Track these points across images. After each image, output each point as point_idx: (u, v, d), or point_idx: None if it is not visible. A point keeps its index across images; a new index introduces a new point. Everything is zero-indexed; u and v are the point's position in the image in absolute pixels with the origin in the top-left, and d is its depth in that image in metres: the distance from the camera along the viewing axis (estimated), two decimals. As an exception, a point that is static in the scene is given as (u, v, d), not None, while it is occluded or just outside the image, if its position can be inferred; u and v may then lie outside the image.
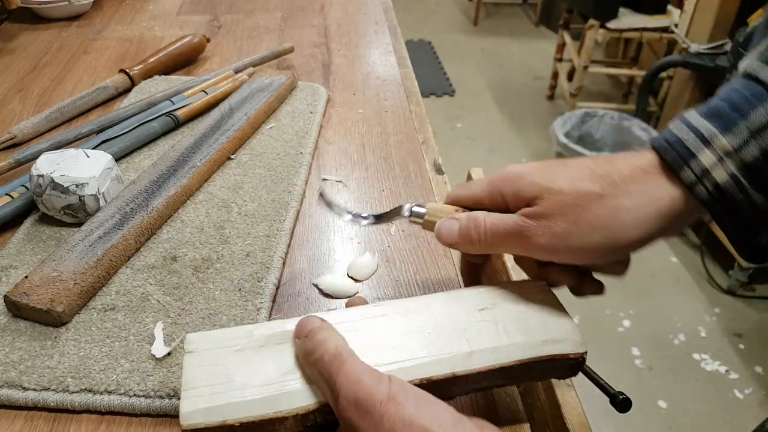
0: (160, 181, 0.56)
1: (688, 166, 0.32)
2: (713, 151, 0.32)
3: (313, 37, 0.94)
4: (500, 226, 0.36)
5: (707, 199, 0.32)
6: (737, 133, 0.31)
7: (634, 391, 1.48)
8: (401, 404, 0.28)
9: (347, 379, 0.29)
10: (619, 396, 0.36)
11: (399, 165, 0.64)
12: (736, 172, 0.31)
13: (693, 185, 0.32)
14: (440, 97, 2.84)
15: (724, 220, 0.33)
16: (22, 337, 0.43)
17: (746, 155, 0.31)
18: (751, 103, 0.31)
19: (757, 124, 0.31)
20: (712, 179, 0.32)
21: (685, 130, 0.33)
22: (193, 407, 0.31)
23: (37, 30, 0.95)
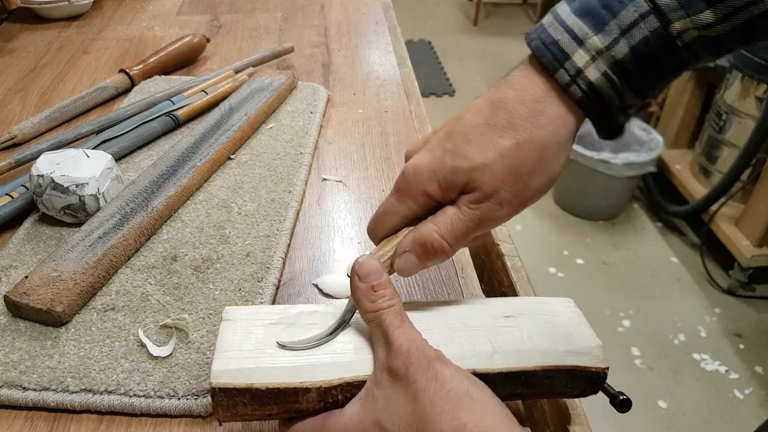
0: (160, 181, 0.56)
1: (562, 67, 0.33)
2: (586, 50, 0.33)
3: (313, 37, 0.94)
4: (459, 229, 0.35)
5: (581, 98, 0.33)
6: (608, 31, 0.32)
7: (634, 391, 1.48)
8: (446, 364, 0.31)
9: (404, 334, 0.32)
10: (619, 396, 0.36)
11: (399, 165, 0.64)
12: (607, 70, 0.33)
13: (567, 85, 0.33)
14: (440, 97, 2.84)
15: (595, 114, 0.34)
16: (22, 337, 0.43)
17: (616, 53, 0.32)
18: (621, 2, 0.32)
19: (627, 23, 0.32)
20: (586, 78, 0.33)
21: (559, 30, 0.34)
22: (224, 367, 0.32)
23: (37, 30, 0.95)
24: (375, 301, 0.34)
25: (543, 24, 0.35)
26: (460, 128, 0.35)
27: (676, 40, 0.32)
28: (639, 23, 0.32)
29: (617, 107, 0.34)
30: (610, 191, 1.97)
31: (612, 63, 0.33)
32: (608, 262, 1.88)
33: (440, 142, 0.36)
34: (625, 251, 1.93)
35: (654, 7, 0.32)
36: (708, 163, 1.87)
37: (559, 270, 1.84)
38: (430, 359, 0.31)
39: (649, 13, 0.32)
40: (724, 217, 1.79)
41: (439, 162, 0.35)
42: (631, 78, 0.33)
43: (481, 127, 0.35)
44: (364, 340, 0.35)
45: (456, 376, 0.31)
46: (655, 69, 0.33)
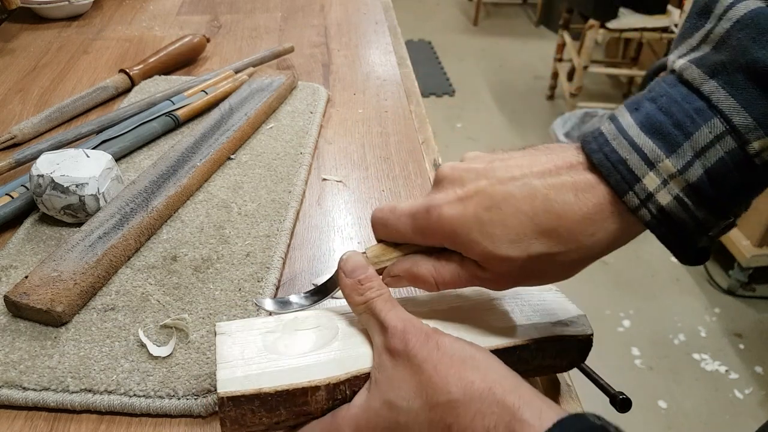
0: (160, 181, 0.56)
1: (632, 190, 0.31)
2: (657, 174, 0.30)
3: (313, 37, 0.94)
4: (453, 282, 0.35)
5: (650, 221, 0.31)
6: (681, 154, 0.30)
7: (634, 391, 1.47)
8: (444, 335, 0.32)
9: (397, 316, 0.33)
10: (619, 396, 0.36)
11: (399, 165, 0.64)
12: (680, 194, 0.30)
13: (637, 209, 0.31)
14: (440, 97, 2.84)
15: (667, 237, 0.32)
16: (22, 337, 0.43)
17: (690, 176, 0.30)
18: (694, 121, 0.30)
19: (701, 145, 0.30)
20: (657, 202, 0.31)
21: (626, 148, 0.31)
22: (229, 376, 0.32)
23: (37, 30, 0.95)
24: (363, 294, 0.34)
25: (604, 134, 0.32)
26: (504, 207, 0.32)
27: (755, 159, 0.30)
28: (714, 144, 0.30)
29: (693, 230, 0.32)
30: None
31: (685, 186, 0.30)
32: (608, 262, 1.88)
33: (479, 206, 0.33)
34: (625, 251, 1.92)
35: (731, 128, 0.29)
36: (708, 163, 1.87)
37: (559, 270, 1.84)
38: (428, 332, 0.32)
39: (725, 134, 0.30)
40: (724, 217, 1.79)
41: (465, 228, 0.33)
42: (706, 200, 0.31)
43: (524, 220, 0.32)
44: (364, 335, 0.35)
45: (456, 343, 0.32)
46: (734, 190, 0.31)
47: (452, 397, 0.29)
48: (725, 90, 0.29)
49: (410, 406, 0.30)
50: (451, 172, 0.35)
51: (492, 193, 0.33)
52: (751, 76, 0.29)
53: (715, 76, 0.30)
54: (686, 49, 0.32)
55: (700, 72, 0.31)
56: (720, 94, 0.30)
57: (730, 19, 0.30)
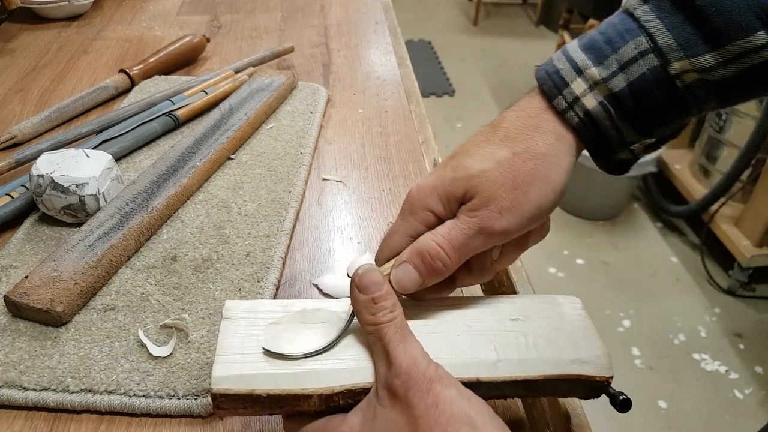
0: (160, 181, 0.56)
1: (561, 94, 0.35)
2: (584, 80, 0.34)
3: (313, 37, 0.94)
4: (457, 238, 0.34)
5: (577, 124, 0.35)
6: (607, 65, 0.34)
7: (634, 391, 1.48)
8: (447, 386, 0.31)
9: (405, 352, 0.32)
10: (619, 396, 0.36)
11: (399, 165, 0.64)
12: (604, 100, 0.34)
13: (564, 111, 0.35)
14: (440, 97, 2.84)
15: (591, 143, 0.36)
16: (22, 337, 0.43)
17: (614, 86, 0.34)
18: (623, 38, 0.34)
19: (626, 58, 0.33)
20: (583, 105, 0.34)
21: (562, 60, 0.35)
22: (224, 373, 0.32)
23: (37, 30, 0.95)
24: (375, 314, 0.33)
25: (551, 57, 0.37)
26: (462, 148, 0.37)
27: (676, 81, 0.33)
28: (638, 60, 0.33)
29: (616, 141, 0.35)
30: (610, 191, 1.97)
31: (609, 95, 0.34)
32: (608, 262, 1.88)
33: (443, 163, 0.37)
34: (625, 251, 1.93)
35: (654, 46, 0.33)
36: (708, 163, 1.87)
37: (559, 270, 1.84)
38: (431, 381, 0.30)
39: (648, 51, 0.33)
40: (724, 217, 1.79)
41: (441, 177, 0.35)
42: (629, 112, 0.34)
43: (481, 143, 0.36)
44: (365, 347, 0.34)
45: (456, 401, 0.30)
46: (655, 107, 0.34)
47: None
48: (654, 13, 0.33)
49: None
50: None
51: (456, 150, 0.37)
52: (677, 3, 0.32)
53: (647, 1, 0.34)
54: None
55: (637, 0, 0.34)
56: (648, 16, 0.33)
57: None
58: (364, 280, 0.34)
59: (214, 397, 0.32)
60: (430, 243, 0.35)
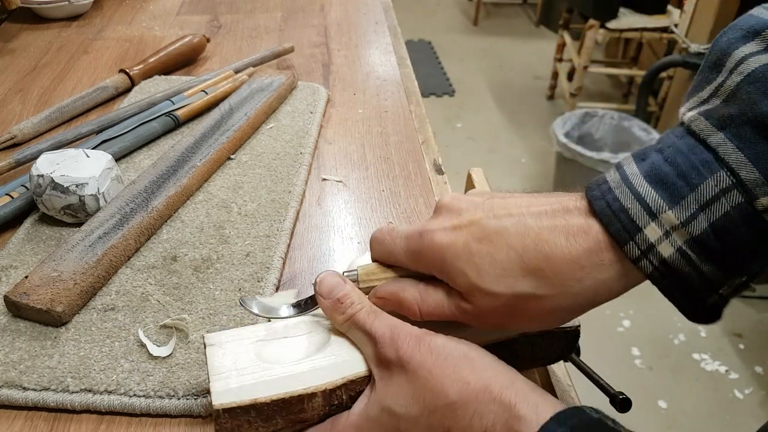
0: (160, 181, 0.56)
1: (633, 240, 0.30)
2: (659, 224, 0.30)
3: (313, 37, 0.94)
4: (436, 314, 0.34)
5: (652, 273, 0.30)
6: (685, 206, 0.29)
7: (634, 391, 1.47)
8: (434, 336, 0.32)
9: (383, 323, 0.33)
10: (619, 396, 0.36)
11: (399, 165, 0.64)
12: (683, 246, 0.30)
13: (637, 260, 0.30)
14: (440, 97, 2.84)
15: (671, 291, 0.31)
16: (22, 337, 0.43)
17: (694, 229, 0.29)
18: (699, 173, 0.29)
19: (707, 198, 0.29)
20: (658, 254, 0.30)
21: (629, 196, 0.30)
22: (224, 387, 0.32)
23: (37, 30, 0.95)
24: (345, 312, 0.34)
25: (608, 182, 0.31)
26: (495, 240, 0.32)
27: (764, 215, 0.29)
28: (720, 198, 0.29)
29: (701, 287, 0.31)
30: (610, 191, 1.97)
31: (689, 239, 0.29)
32: (608, 262, 1.88)
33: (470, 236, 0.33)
34: (625, 251, 1.92)
35: (737, 182, 0.28)
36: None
37: (559, 270, 1.84)
38: (419, 336, 0.32)
39: (732, 188, 0.29)
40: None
41: (454, 255, 0.33)
42: (711, 254, 0.30)
43: (512, 256, 0.31)
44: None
45: (449, 343, 0.32)
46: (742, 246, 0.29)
47: (449, 400, 0.29)
48: (733, 143, 0.29)
49: (408, 412, 0.31)
50: (450, 202, 0.35)
51: (486, 225, 0.32)
52: (760, 130, 0.28)
53: (723, 128, 0.29)
54: (697, 102, 0.32)
55: (707, 124, 0.30)
56: (727, 147, 0.29)
57: (741, 73, 0.29)
58: (324, 285, 0.35)
59: (217, 416, 0.31)
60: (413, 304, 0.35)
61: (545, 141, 2.45)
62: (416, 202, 0.59)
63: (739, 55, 0.30)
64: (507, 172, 2.34)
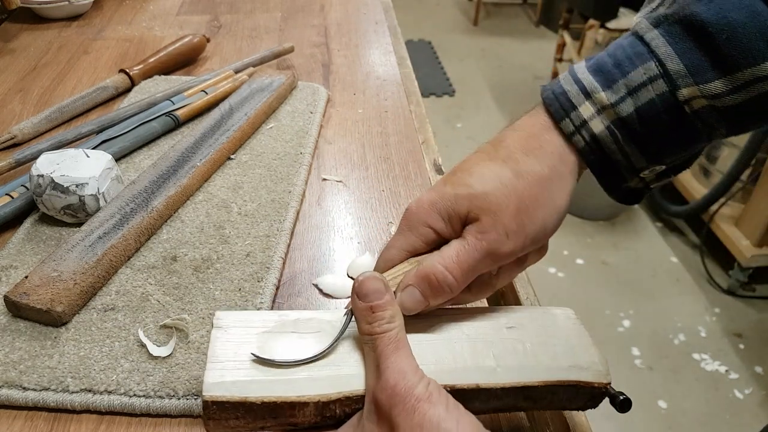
0: (160, 181, 0.56)
1: (568, 117, 0.34)
2: (592, 103, 0.34)
3: (313, 37, 0.94)
4: (465, 261, 0.34)
5: (583, 147, 0.34)
6: (616, 89, 0.33)
7: (634, 391, 1.48)
8: (434, 404, 0.29)
9: (394, 366, 0.31)
10: (619, 396, 0.36)
11: (399, 165, 0.64)
12: (611, 125, 0.34)
13: (572, 134, 0.34)
14: (440, 97, 2.84)
15: (598, 167, 0.35)
16: (22, 337, 0.43)
17: (621, 110, 0.33)
18: (632, 62, 0.33)
19: (635, 83, 0.33)
20: (590, 129, 0.34)
21: (570, 82, 0.35)
22: (217, 379, 0.31)
23: (37, 30, 0.95)
24: (371, 323, 0.32)
25: (558, 78, 0.36)
26: (463, 165, 0.36)
27: (684, 107, 0.32)
28: (647, 85, 0.32)
29: (624, 166, 0.35)
30: (610, 191, 1.97)
31: (616, 119, 0.33)
32: (608, 262, 1.88)
33: (443, 179, 0.36)
34: (625, 251, 1.93)
35: (663, 72, 0.32)
36: (708, 163, 1.87)
37: (559, 270, 1.84)
38: (417, 400, 0.29)
39: (658, 77, 0.32)
40: (724, 217, 1.79)
41: (442, 194, 0.35)
42: (636, 137, 0.33)
43: (482, 161, 0.36)
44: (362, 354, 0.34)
45: (444, 422, 0.29)
46: (663, 133, 0.33)
47: None
48: (664, 38, 0.32)
49: None
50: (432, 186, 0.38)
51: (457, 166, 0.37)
52: (688, 28, 0.31)
53: (657, 26, 0.33)
54: (647, 11, 0.35)
55: (646, 23, 0.34)
56: (659, 42, 0.32)
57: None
58: (364, 287, 0.33)
59: (206, 406, 0.31)
60: (436, 267, 0.34)
61: (545, 141, 2.44)
62: (416, 202, 0.59)
63: None
64: (507, 172, 2.34)
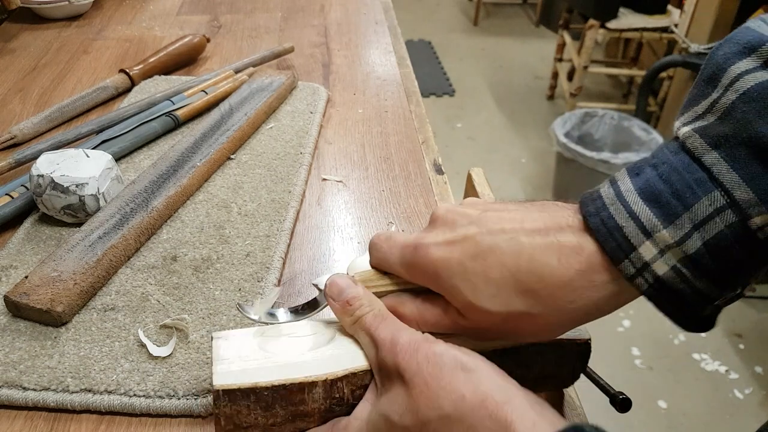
0: (160, 181, 0.56)
1: (627, 258, 0.30)
2: (654, 243, 0.30)
3: (313, 37, 0.94)
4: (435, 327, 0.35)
5: (647, 290, 0.31)
6: (679, 225, 0.29)
7: (634, 391, 1.47)
8: (435, 341, 0.32)
9: (386, 330, 0.33)
10: (619, 396, 0.36)
11: (399, 165, 0.64)
12: (677, 264, 0.30)
13: (632, 277, 0.30)
14: (440, 97, 2.84)
15: (665, 306, 0.31)
16: (22, 337, 0.43)
17: (688, 248, 0.29)
18: (694, 193, 0.29)
19: (701, 217, 0.29)
20: (653, 272, 0.30)
21: (623, 215, 0.30)
22: (226, 370, 0.32)
23: (37, 30, 0.95)
24: (353, 313, 0.34)
25: (602, 198, 0.31)
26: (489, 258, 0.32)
27: (757, 234, 0.29)
28: (714, 218, 0.29)
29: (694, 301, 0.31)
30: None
31: (683, 258, 0.30)
32: (608, 262, 1.88)
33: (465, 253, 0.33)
34: (625, 251, 1.92)
35: (731, 202, 0.29)
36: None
37: (559, 270, 1.84)
38: (417, 342, 0.32)
39: (725, 207, 0.29)
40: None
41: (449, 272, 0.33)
42: (705, 272, 0.30)
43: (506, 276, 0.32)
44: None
45: (447, 352, 0.31)
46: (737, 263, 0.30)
47: (443, 412, 0.29)
48: (727, 163, 0.29)
49: (403, 421, 0.30)
50: (444, 214, 0.35)
51: (479, 241, 0.32)
52: (754, 151, 0.28)
53: (717, 147, 0.29)
54: (692, 116, 0.32)
55: (702, 142, 0.30)
56: (721, 167, 0.29)
57: (736, 91, 0.29)
58: (335, 287, 0.35)
59: (216, 397, 0.31)
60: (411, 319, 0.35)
61: (545, 141, 2.45)
62: (416, 202, 0.59)
63: (734, 71, 0.30)
64: (507, 172, 2.34)
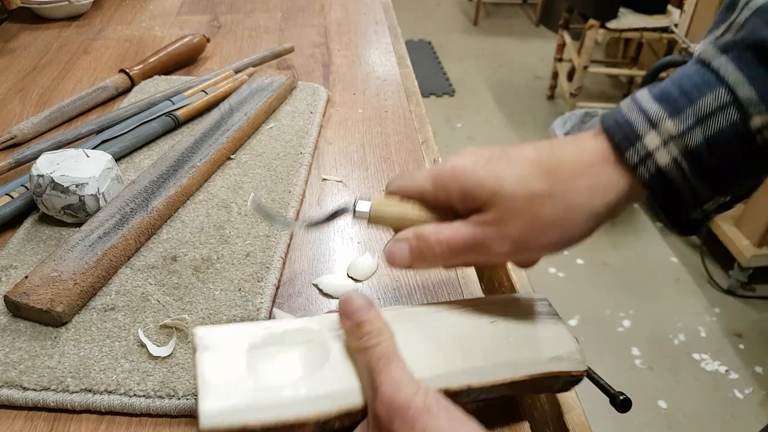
0: (160, 181, 0.56)
1: (633, 146, 0.33)
2: (658, 133, 0.32)
3: (313, 37, 0.94)
4: (456, 241, 0.35)
5: (648, 180, 0.33)
6: (683, 118, 0.31)
7: (634, 391, 1.48)
8: (434, 416, 0.29)
9: (389, 380, 0.31)
10: (619, 396, 0.36)
11: (399, 165, 0.64)
12: (678, 156, 0.32)
13: (636, 166, 0.33)
14: (440, 97, 2.84)
15: (662, 200, 0.34)
16: (22, 337, 0.43)
17: (690, 141, 0.31)
18: (700, 90, 0.31)
19: (704, 112, 0.31)
20: (655, 161, 0.32)
21: (634, 111, 0.33)
22: (213, 407, 0.30)
23: (37, 30, 0.95)
24: (360, 339, 0.33)
25: (620, 106, 0.34)
26: (512, 153, 0.35)
27: (756, 136, 0.30)
28: (717, 114, 0.31)
29: (689, 199, 0.33)
30: (610, 191, 1.97)
31: (684, 150, 0.31)
32: (608, 262, 1.88)
33: (491, 156, 0.35)
34: (625, 251, 1.92)
35: (734, 100, 0.30)
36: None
37: (559, 270, 1.84)
38: (416, 413, 0.29)
39: (728, 104, 0.30)
40: (724, 217, 1.79)
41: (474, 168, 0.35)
42: (703, 169, 0.32)
43: (529, 161, 0.34)
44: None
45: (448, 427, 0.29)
46: (732, 164, 0.31)
47: None
48: (734, 65, 0.31)
49: None
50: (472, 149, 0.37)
51: (505, 149, 0.36)
52: (759, 55, 0.30)
53: (726, 52, 0.31)
54: (712, 39, 0.34)
55: (714, 49, 0.32)
56: (728, 68, 0.31)
57: (750, 8, 0.31)
58: (349, 306, 0.34)
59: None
60: (431, 237, 0.35)
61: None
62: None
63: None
64: (507, 172, 2.34)
